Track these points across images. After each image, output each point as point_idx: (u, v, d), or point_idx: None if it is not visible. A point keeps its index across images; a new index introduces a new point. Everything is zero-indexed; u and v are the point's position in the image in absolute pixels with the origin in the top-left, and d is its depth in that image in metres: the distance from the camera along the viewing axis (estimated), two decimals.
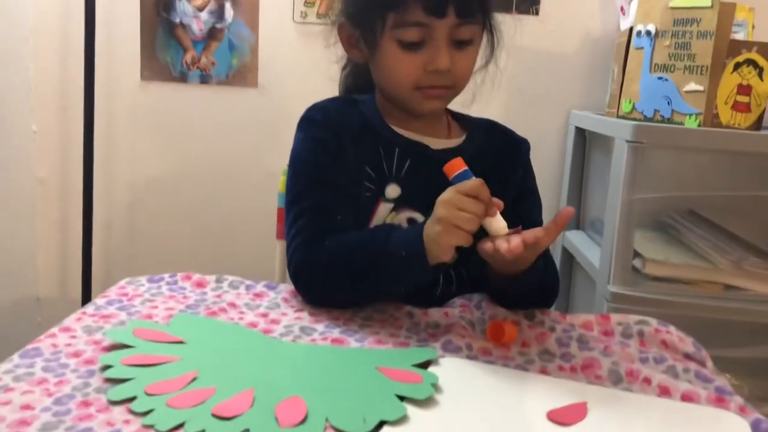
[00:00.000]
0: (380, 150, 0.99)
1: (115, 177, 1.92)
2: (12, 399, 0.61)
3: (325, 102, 1.05)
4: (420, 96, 0.96)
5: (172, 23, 1.81)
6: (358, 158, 0.98)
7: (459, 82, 0.97)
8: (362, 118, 1.02)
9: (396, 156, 0.99)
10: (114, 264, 1.96)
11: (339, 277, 0.89)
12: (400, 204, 0.98)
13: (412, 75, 0.94)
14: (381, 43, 0.95)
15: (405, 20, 0.91)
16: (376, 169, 0.99)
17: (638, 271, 1.42)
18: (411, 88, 0.96)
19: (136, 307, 0.87)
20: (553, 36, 1.85)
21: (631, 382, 0.74)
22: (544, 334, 0.84)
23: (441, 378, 0.69)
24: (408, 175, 0.99)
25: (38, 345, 0.73)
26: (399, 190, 0.98)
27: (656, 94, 1.43)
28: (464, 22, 0.92)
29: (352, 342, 0.80)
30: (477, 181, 0.81)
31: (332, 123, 1.00)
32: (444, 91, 0.97)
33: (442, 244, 0.81)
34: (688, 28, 1.37)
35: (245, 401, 0.62)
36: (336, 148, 0.98)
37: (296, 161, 1.01)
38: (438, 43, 0.92)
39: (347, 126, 1.00)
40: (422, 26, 0.91)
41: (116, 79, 1.86)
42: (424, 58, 0.93)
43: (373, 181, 0.98)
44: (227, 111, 1.89)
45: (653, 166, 1.52)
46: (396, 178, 0.99)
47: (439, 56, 0.92)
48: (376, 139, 1.00)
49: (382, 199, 0.98)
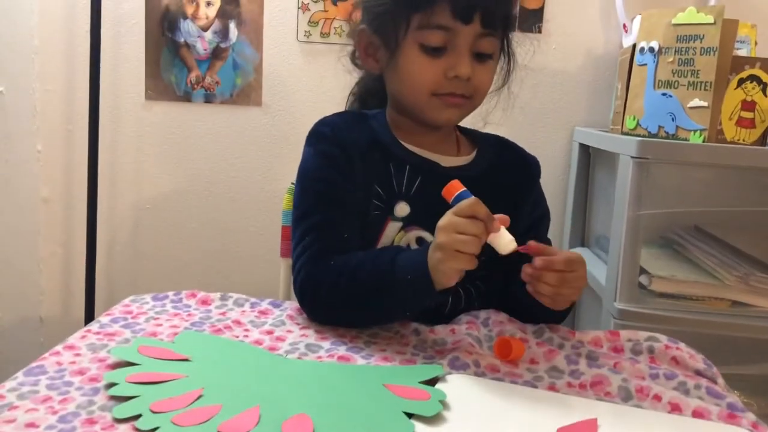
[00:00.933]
0: (390, 167, 0.98)
1: (119, 197, 1.92)
2: (17, 417, 0.60)
3: (334, 116, 1.04)
4: (438, 103, 0.95)
5: (176, 43, 1.83)
6: (366, 175, 0.97)
7: (477, 94, 0.97)
8: (372, 134, 1.00)
9: (406, 173, 0.98)
10: (117, 284, 1.96)
11: (344, 298, 0.88)
12: (409, 223, 0.97)
13: (431, 80, 0.94)
14: (402, 46, 0.94)
15: (430, 22, 0.91)
16: (385, 186, 0.97)
17: (644, 287, 1.41)
18: (429, 94, 0.95)
19: (140, 324, 0.86)
20: (555, 53, 1.86)
21: (641, 399, 0.73)
22: (553, 351, 0.83)
23: (449, 395, 0.69)
24: (418, 194, 0.97)
25: (42, 363, 0.72)
26: (408, 208, 0.97)
27: (660, 111, 1.43)
28: (487, 32, 0.92)
29: (358, 359, 0.80)
30: (472, 200, 0.80)
31: (341, 138, 0.99)
32: (462, 100, 0.96)
33: (446, 271, 0.80)
34: (692, 44, 1.37)
35: (251, 419, 0.62)
36: (344, 164, 0.97)
37: (304, 177, 1.00)
38: (460, 50, 0.92)
39: (356, 141, 0.99)
40: (446, 30, 0.91)
41: (121, 99, 1.87)
42: (445, 65, 0.93)
43: (382, 199, 0.97)
44: (231, 130, 1.89)
45: (658, 182, 1.51)
46: (405, 196, 0.97)
47: (461, 63, 0.92)
48: (386, 156, 0.99)
49: (390, 217, 0.97)
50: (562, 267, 0.83)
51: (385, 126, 1.02)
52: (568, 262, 0.83)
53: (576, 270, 0.84)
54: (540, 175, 1.10)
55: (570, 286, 0.84)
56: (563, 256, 0.83)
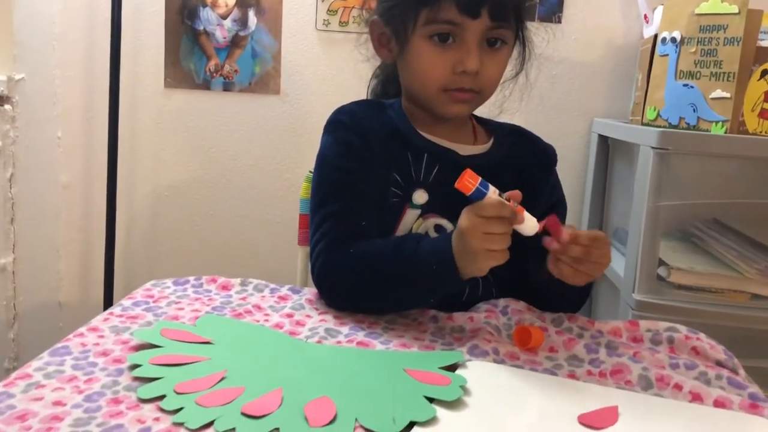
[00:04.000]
0: (408, 155, 0.98)
1: (138, 183, 1.94)
2: (44, 395, 0.61)
3: (353, 105, 1.04)
4: (446, 98, 0.96)
5: (196, 31, 1.83)
6: (385, 163, 0.97)
7: (486, 87, 0.96)
8: (390, 122, 1.01)
9: (425, 161, 0.98)
10: (135, 270, 1.98)
11: (363, 285, 0.89)
12: (428, 210, 0.97)
13: (440, 75, 0.94)
14: (411, 41, 0.94)
15: (437, 18, 0.91)
16: (404, 174, 0.98)
17: (663, 279, 1.40)
18: (438, 89, 0.95)
19: (162, 308, 0.87)
20: (575, 44, 1.85)
21: (661, 389, 0.73)
22: (572, 340, 0.83)
23: (469, 381, 0.69)
24: (436, 181, 0.98)
25: (67, 344, 0.73)
26: (426, 196, 0.97)
27: (681, 102, 1.42)
28: (497, 25, 0.92)
29: (377, 345, 0.80)
30: (494, 201, 0.79)
31: (360, 126, 0.99)
32: (470, 95, 0.96)
33: (483, 268, 0.81)
34: (715, 34, 1.36)
35: (274, 401, 0.62)
36: (363, 152, 0.97)
37: (323, 164, 1.00)
38: (469, 45, 0.92)
39: (375, 130, 0.99)
40: (454, 25, 0.91)
41: (140, 87, 1.88)
42: (454, 59, 0.92)
43: (401, 187, 0.98)
44: (249, 118, 1.90)
45: (678, 174, 1.50)
46: (423, 184, 0.98)
47: (469, 57, 0.91)
48: (405, 144, 0.99)
49: (408, 205, 0.97)
50: (587, 242, 0.83)
51: (402, 115, 1.02)
52: (593, 238, 0.83)
53: (601, 247, 0.84)
54: (556, 163, 1.10)
55: (593, 261, 0.84)
56: (588, 232, 0.84)
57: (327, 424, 0.59)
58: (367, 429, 0.59)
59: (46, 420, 0.57)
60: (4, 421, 0.57)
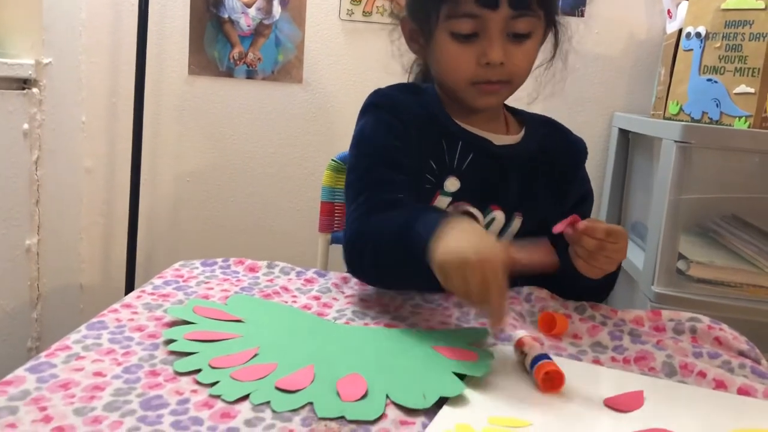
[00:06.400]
0: (443, 142, 0.99)
1: (161, 169, 1.96)
2: (84, 366, 0.63)
3: (390, 88, 1.04)
4: (476, 91, 0.96)
5: (220, 19, 1.85)
6: (421, 148, 0.98)
7: (515, 77, 0.96)
8: (427, 108, 1.00)
9: (459, 149, 0.98)
10: (155, 255, 2.00)
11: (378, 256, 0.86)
12: (458, 198, 0.98)
13: (466, 69, 0.94)
14: (436, 36, 0.95)
15: (457, 11, 0.91)
16: (438, 161, 0.98)
17: (682, 273, 1.41)
18: (467, 83, 0.95)
19: (192, 287, 0.89)
20: (597, 38, 1.85)
21: (685, 376, 0.74)
22: (596, 327, 0.84)
23: (496, 359, 0.70)
24: (468, 170, 0.98)
25: (103, 319, 0.75)
26: (458, 183, 0.98)
27: (705, 96, 1.42)
28: (519, 14, 0.91)
29: (404, 327, 0.81)
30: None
31: (398, 109, 0.99)
32: (499, 87, 0.96)
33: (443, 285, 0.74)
34: (740, 30, 1.36)
35: (307, 376, 0.64)
36: (402, 133, 0.97)
37: (361, 142, 0.99)
38: (491, 36, 0.91)
39: (413, 114, 0.99)
40: (475, 18, 0.91)
41: (164, 73, 1.90)
42: (478, 51, 0.92)
43: (434, 173, 0.98)
44: (272, 106, 1.91)
45: (699, 169, 1.50)
46: (457, 172, 0.98)
47: (492, 49, 0.91)
48: (440, 131, 0.99)
49: (440, 191, 0.98)
50: (602, 236, 0.83)
51: (438, 101, 1.02)
52: (609, 232, 0.84)
53: (617, 242, 0.84)
54: (586, 157, 1.10)
55: (607, 256, 0.84)
56: (606, 226, 0.84)
57: (359, 399, 0.60)
58: (398, 404, 0.60)
59: (88, 389, 0.59)
60: (49, 389, 0.59)
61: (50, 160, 1.77)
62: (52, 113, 1.75)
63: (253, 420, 0.57)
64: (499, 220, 0.99)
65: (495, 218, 0.98)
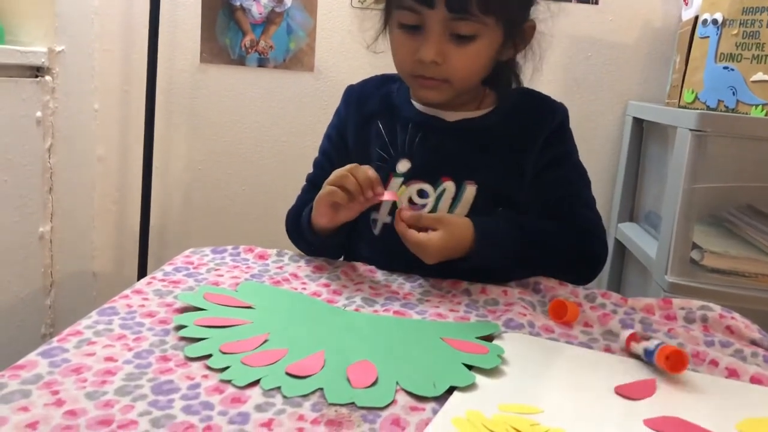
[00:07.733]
0: (397, 127, 1.03)
1: (172, 157, 1.96)
2: (95, 351, 0.64)
3: (366, 80, 1.13)
4: (416, 84, 0.98)
5: (232, 6, 1.84)
6: (372, 137, 1.05)
7: (455, 78, 0.94)
8: (388, 98, 1.07)
9: (408, 131, 1.02)
10: (167, 242, 2.01)
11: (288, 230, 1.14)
12: (410, 177, 1.00)
13: (405, 61, 0.96)
14: (390, 24, 0.98)
15: (403, 3, 0.92)
16: (393, 146, 1.03)
17: (696, 262, 1.40)
18: (406, 74, 0.98)
19: (202, 274, 0.89)
20: (612, 25, 1.83)
21: (697, 364, 0.74)
22: (607, 315, 0.84)
23: (506, 351, 0.70)
24: (418, 149, 1.01)
25: (113, 305, 0.76)
26: (409, 164, 1.01)
27: (721, 84, 1.40)
28: (458, 17, 0.89)
29: (413, 315, 0.81)
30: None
31: (357, 100, 1.09)
32: (437, 83, 0.95)
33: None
34: (758, 16, 1.34)
35: (317, 362, 0.64)
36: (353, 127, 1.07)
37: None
38: (428, 34, 0.91)
39: (372, 103, 1.07)
40: (416, 13, 0.91)
41: (176, 61, 1.90)
42: (414, 47, 0.93)
43: (384, 159, 1.02)
44: (283, 94, 1.91)
45: (713, 158, 1.49)
46: (408, 153, 1.01)
47: (425, 47, 0.91)
48: (395, 117, 1.05)
49: (393, 173, 1.01)
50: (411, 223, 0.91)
51: (405, 89, 1.06)
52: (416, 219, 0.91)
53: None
54: (559, 120, 1.03)
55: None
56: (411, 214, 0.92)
57: (369, 386, 0.60)
58: (408, 392, 0.60)
59: (99, 374, 0.59)
60: (61, 373, 0.59)
61: (63, 147, 1.77)
62: (64, 101, 1.76)
63: (264, 405, 0.57)
64: (449, 190, 1.00)
65: (445, 189, 1.00)
